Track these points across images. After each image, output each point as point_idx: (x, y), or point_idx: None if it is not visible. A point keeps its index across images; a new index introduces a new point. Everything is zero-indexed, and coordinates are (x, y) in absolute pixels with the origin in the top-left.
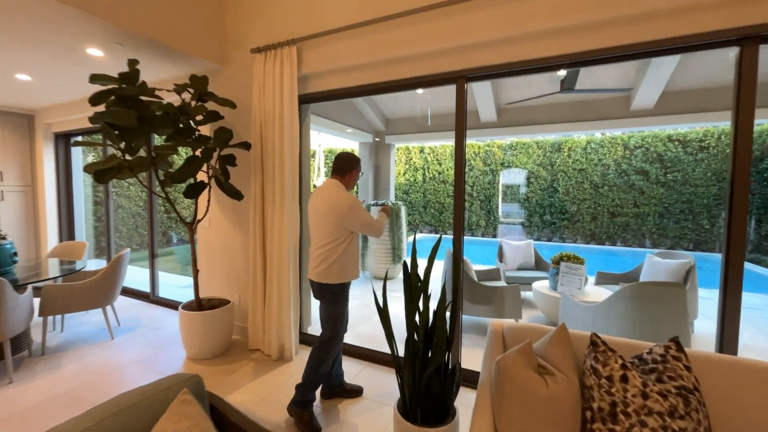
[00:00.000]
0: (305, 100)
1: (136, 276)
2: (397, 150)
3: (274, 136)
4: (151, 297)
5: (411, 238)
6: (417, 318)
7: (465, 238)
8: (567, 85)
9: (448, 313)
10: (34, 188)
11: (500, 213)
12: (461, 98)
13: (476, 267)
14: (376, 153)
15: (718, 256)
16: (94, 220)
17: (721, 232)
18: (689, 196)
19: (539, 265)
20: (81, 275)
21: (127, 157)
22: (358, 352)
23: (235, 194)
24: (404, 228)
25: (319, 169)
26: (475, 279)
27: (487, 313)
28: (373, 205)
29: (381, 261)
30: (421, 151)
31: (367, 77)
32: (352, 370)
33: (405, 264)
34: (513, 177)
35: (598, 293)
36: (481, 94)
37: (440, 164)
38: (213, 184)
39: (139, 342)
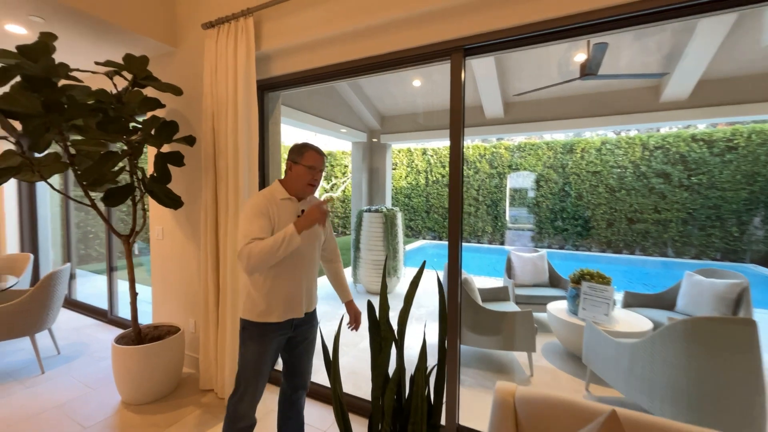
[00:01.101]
0: (269, 86)
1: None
2: (398, 152)
3: (227, 129)
4: (108, 316)
5: (413, 246)
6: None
7: (469, 245)
8: (589, 69)
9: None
10: None
11: (508, 218)
12: (457, 77)
13: (480, 283)
14: (371, 154)
15: (748, 267)
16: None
17: (752, 240)
18: (716, 200)
19: (554, 281)
20: (9, 295)
21: (36, 155)
22: (322, 393)
23: (171, 201)
24: (400, 237)
25: None
26: (479, 301)
27: (493, 344)
28: (366, 211)
29: (373, 274)
30: (424, 153)
31: (341, 53)
32: (321, 423)
33: (370, 305)
34: (521, 180)
35: (629, 321)
36: (485, 84)
37: (444, 167)
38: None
39: (74, 377)
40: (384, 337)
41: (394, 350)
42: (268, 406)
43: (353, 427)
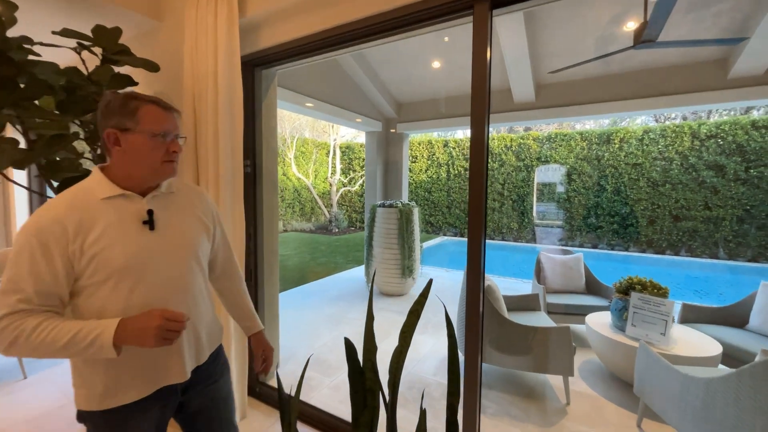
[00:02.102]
0: (260, 61)
1: None
2: (418, 144)
3: (208, 111)
4: None
5: (433, 242)
6: None
7: (492, 242)
8: (648, 35)
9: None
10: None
11: (534, 214)
12: (482, 38)
13: (505, 286)
14: (387, 144)
15: None
16: None
17: None
18: None
19: (592, 287)
20: None
21: None
22: (312, 416)
23: None
24: (417, 234)
25: (335, 167)
26: (505, 313)
27: (521, 364)
28: (380, 206)
29: (387, 274)
30: (445, 145)
31: (341, 13)
32: None
33: (348, 344)
34: (550, 174)
35: (691, 342)
36: (514, 62)
37: (467, 160)
38: None
39: (57, 384)
40: (369, 388)
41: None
42: None
43: None
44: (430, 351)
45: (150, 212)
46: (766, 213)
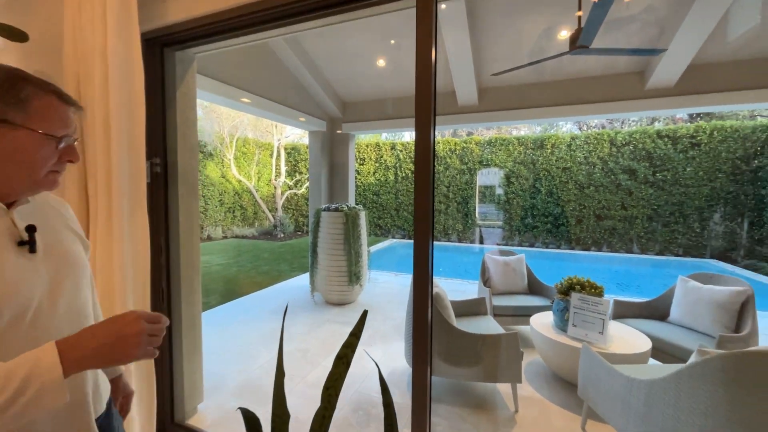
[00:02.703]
0: (170, 39)
1: None
2: (366, 147)
3: (95, 98)
4: None
5: (382, 245)
6: None
7: (438, 243)
8: (583, 40)
9: None
10: None
11: (477, 215)
12: (426, 25)
13: (452, 288)
14: (332, 145)
15: (709, 262)
16: None
17: (712, 235)
18: (679, 197)
19: (533, 287)
20: None
21: None
22: None
23: None
24: (364, 238)
25: (279, 169)
26: (453, 321)
27: (471, 375)
28: (325, 209)
29: (333, 282)
30: (393, 147)
31: None
32: None
33: (249, 418)
34: (491, 177)
35: (624, 338)
36: (459, 66)
37: (413, 163)
38: None
39: None
40: None
41: None
42: None
43: None
44: (378, 362)
45: (31, 229)
46: (670, 212)
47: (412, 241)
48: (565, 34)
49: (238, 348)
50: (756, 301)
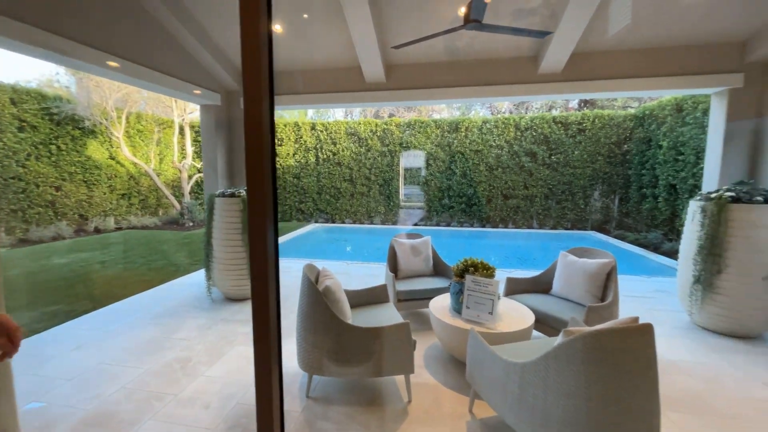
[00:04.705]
0: None
1: None
2: (285, 126)
3: None
4: None
5: (303, 230)
6: None
7: (362, 226)
8: (473, 14)
9: None
10: None
11: (402, 197)
12: None
13: (367, 274)
14: (230, 122)
15: (590, 234)
16: None
17: (593, 210)
18: (569, 177)
19: (438, 269)
20: None
21: None
22: None
23: None
24: None
25: (184, 150)
26: (347, 318)
27: (363, 372)
28: (219, 195)
29: (232, 276)
30: (313, 128)
31: None
32: None
33: None
34: (414, 159)
35: (512, 315)
36: (362, 41)
37: (335, 144)
38: None
39: None
40: None
41: None
42: None
43: None
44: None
45: None
46: (561, 191)
47: (334, 225)
48: (464, 10)
49: (96, 367)
50: (619, 265)
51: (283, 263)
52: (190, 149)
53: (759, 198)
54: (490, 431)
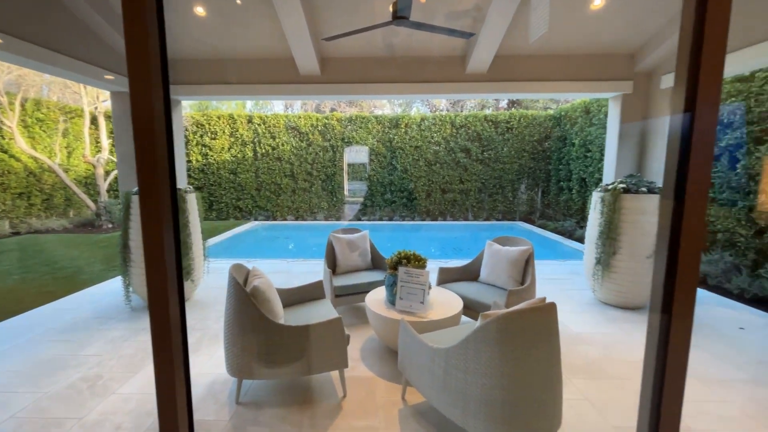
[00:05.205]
0: None
1: None
2: (218, 119)
3: None
4: None
5: (242, 228)
6: None
7: (302, 223)
8: (400, 10)
9: None
10: None
11: (347, 192)
12: None
13: (306, 271)
14: None
15: (518, 224)
16: None
17: (520, 202)
18: (499, 172)
19: (377, 262)
20: None
21: None
22: None
23: None
24: (195, 226)
25: (99, 142)
26: (278, 318)
27: (296, 371)
28: (136, 193)
29: None
30: (250, 121)
31: None
32: None
33: None
34: (357, 154)
35: (443, 303)
36: (293, 32)
37: (274, 138)
38: None
39: None
40: None
41: None
42: None
43: None
44: (198, 373)
45: None
46: (493, 184)
47: (277, 222)
48: (392, 6)
49: None
50: (540, 251)
51: (219, 264)
52: (105, 142)
53: (644, 189)
54: (420, 416)
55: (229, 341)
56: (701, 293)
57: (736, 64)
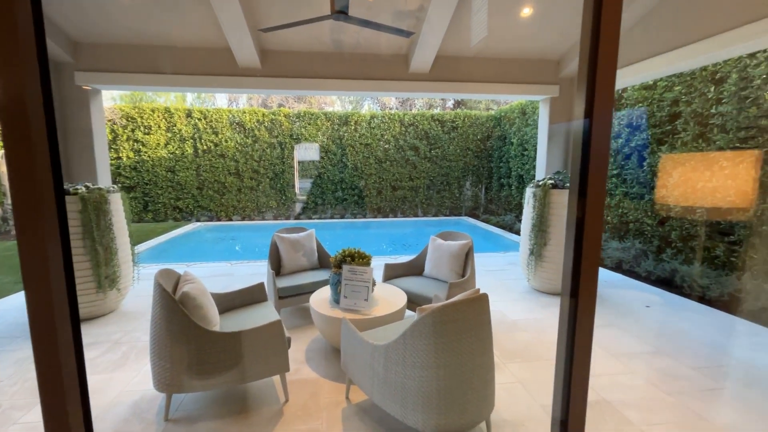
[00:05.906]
0: None
1: None
2: (153, 112)
3: None
4: None
5: (183, 230)
6: None
7: (250, 223)
8: (337, 5)
9: None
10: None
11: (297, 190)
12: None
13: (250, 273)
14: (62, 102)
15: (463, 219)
16: None
17: (465, 198)
18: (446, 169)
19: (324, 261)
20: None
21: None
22: None
23: None
24: (122, 228)
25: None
26: (212, 325)
27: (232, 379)
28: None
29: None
30: (189, 115)
31: None
32: None
33: None
34: (307, 152)
35: (387, 299)
36: (229, 22)
37: (216, 134)
38: None
39: None
40: None
41: None
42: None
43: None
44: (121, 392)
45: None
46: (440, 182)
47: (220, 223)
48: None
49: None
50: (483, 244)
51: (153, 270)
52: None
53: (568, 184)
54: (363, 413)
55: (156, 354)
56: (615, 277)
57: (641, 73)
